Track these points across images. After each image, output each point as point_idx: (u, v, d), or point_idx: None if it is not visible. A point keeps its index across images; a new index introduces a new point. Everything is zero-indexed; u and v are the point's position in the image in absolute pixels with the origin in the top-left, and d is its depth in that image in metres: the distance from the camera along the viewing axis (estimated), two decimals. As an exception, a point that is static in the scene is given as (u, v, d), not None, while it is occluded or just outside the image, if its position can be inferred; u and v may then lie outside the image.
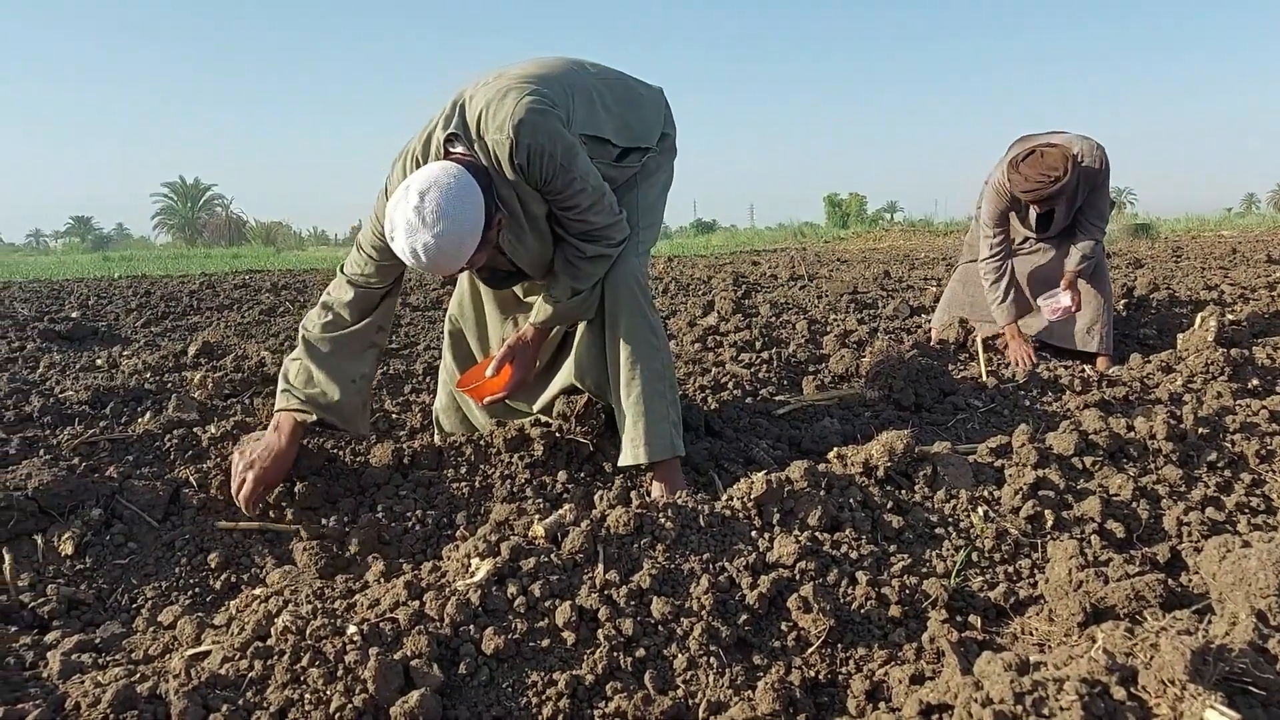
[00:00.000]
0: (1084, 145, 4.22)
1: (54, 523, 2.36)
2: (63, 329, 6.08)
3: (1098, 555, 2.03)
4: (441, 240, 2.19)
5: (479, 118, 2.36)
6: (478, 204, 2.24)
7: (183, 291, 9.62)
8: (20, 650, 1.84)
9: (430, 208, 2.18)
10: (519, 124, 2.28)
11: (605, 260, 2.59)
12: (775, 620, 1.82)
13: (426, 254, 2.20)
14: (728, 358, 4.39)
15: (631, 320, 2.59)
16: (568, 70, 2.60)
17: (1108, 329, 4.47)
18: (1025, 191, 4.07)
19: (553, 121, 2.33)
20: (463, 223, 2.20)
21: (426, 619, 1.71)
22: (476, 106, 2.37)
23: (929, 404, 3.54)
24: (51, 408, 3.39)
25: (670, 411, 2.62)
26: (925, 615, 1.84)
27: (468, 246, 2.24)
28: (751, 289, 8.29)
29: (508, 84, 2.37)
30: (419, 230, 2.19)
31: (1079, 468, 2.49)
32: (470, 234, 2.23)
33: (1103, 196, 4.36)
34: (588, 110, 2.55)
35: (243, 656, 1.61)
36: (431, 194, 2.19)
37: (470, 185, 2.24)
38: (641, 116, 2.76)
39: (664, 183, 2.89)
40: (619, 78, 2.80)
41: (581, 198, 2.43)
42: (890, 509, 2.20)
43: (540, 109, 2.31)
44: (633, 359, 2.59)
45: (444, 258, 2.23)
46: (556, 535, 1.97)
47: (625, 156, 2.70)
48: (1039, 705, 1.15)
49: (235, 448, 2.71)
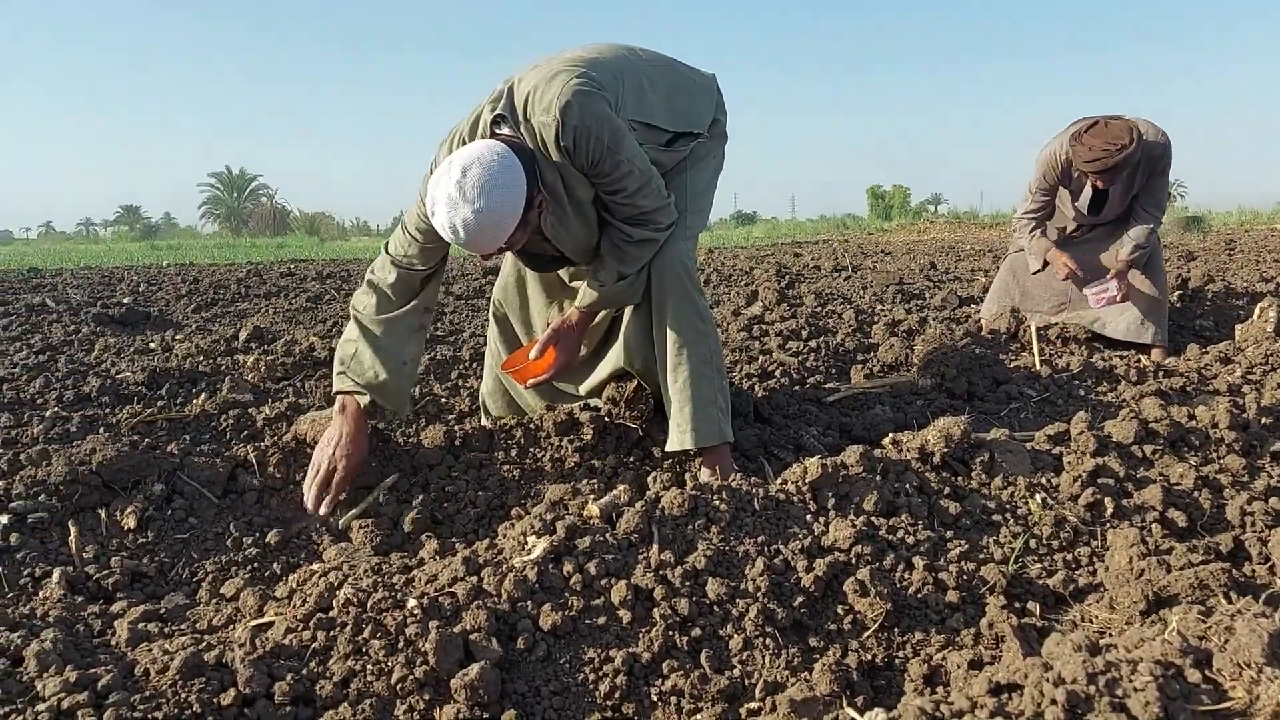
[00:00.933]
0: (1149, 127, 4.15)
1: (117, 497, 2.41)
2: (116, 314, 6.19)
3: (1159, 544, 1.99)
4: (481, 217, 2.19)
5: (526, 99, 2.36)
6: (519, 183, 2.24)
7: (230, 279, 9.74)
8: (89, 619, 1.88)
9: (471, 184, 2.18)
10: (565, 106, 2.28)
11: (652, 245, 2.57)
12: (831, 603, 1.81)
13: (465, 230, 2.21)
14: (774, 346, 4.38)
15: (678, 304, 2.58)
16: (618, 56, 2.59)
17: (1163, 321, 4.39)
18: (1089, 161, 3.98)
19: (600, 104, 2.33)
20: (503, 201, 2.21)
21: (484, 594, 1.72)
22: (525, 88, 2.38)
23: (982, 392, 3.51)
24: (109, 388, 3.45)
25: (718, 397, 2.61)
26: (983, 601, 1.82)
27: (507, 225, 2.24)
28: (795, 279, 8.24)
29: (557, 67, 2.38)
30: (459, 206, 2.19)
31: (1139, 456, 2.45)
32: (510, 213, 2.23)
33: (1161, 183, 4.29)
34: (637, 95, 2.54)
35: (306, 627, 1.63)
36: (474, 170, 2.19)
37: (513, 164, 2.24)
38: (691, 102, 2.75)
39: (714, 169, 2.87)
40: (669, 64, 2.78)
41: (628, 181, 2.42)
42: (947, 495, 2.18)
43: (587, 91, 2.32)
44: (680, 343, 2.58)
45: (483, 235, 2.23)
46: (611, 515, 1.97)
47: (675, 141, 2.69)
48: (1112, 686, 1.13)
49: (301, 430, 2.74)
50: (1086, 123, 4.09)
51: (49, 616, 1.85)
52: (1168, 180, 4.32)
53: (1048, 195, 4.48)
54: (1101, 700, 1.13)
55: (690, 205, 2.71)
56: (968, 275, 8.24)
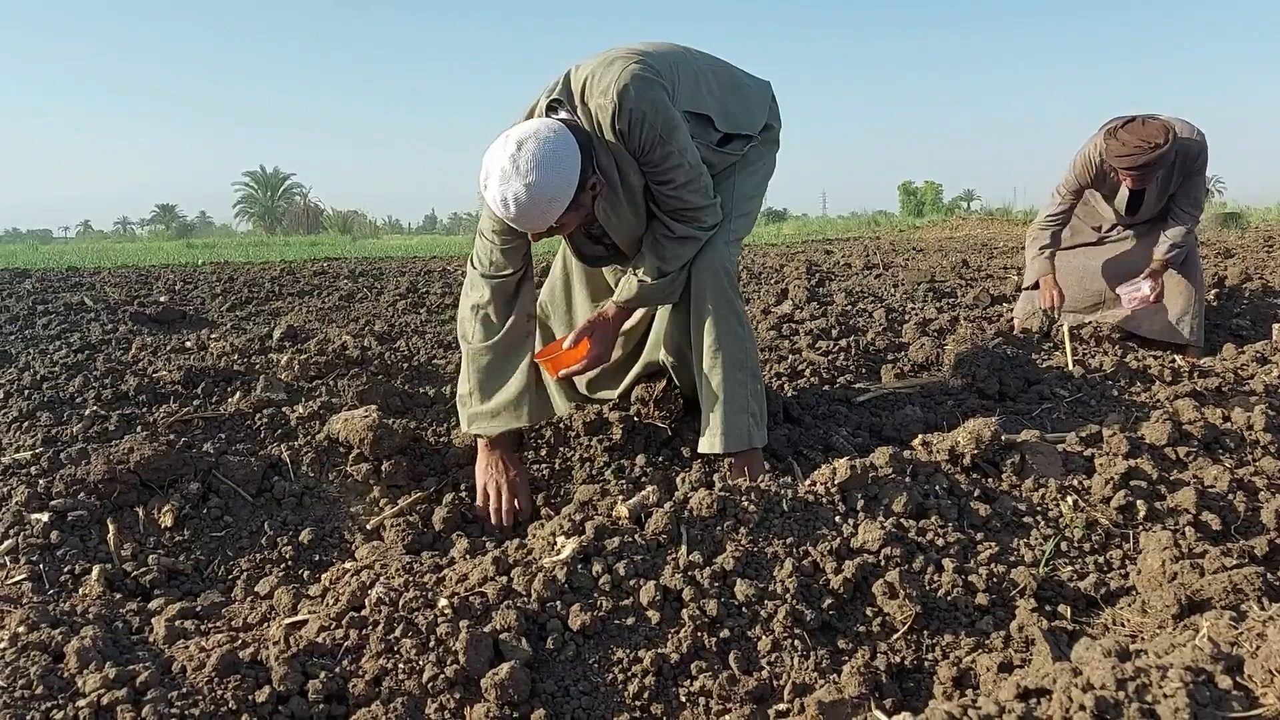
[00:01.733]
0: (1184, 126, 4.10)
1: (154, 495, 2.45)
2: (152, 312, 6.27)
3: (1192, 547, 1.98)
4: (533, 190, 2.19)
5: (584, 84, 2.38)
6: (574, 160, 2.23)
7: (264, 278, 9.84)
8: (127, 616, 1.91)
9: (526, 156, 2.18)
10: (623, 89, 2.29)
11: (693, 243, 2.56)
12: (860, 605, 1.81)
13: (516, 203, 2.20)
14: (804, 345, 4.37)
15: (717, 307, 2.57)
16: (674, 51, 2.60)
17: (1199, 320, 4.34)
18: (1121, 157, 3.94)
19: (657, 91, 2.34)
20: (556, 176, 2.20)
21: (514, 594, 1.74)
22: (582, 74, 2.39)
23: (1013, 393, 3.48)
24: (146, 387, 3.49)
25: (751, 402, 2.59)
26: (1013, 604, 1.82)
27: (559, 201, 2.23)
28: (825, 277, 8.21)
29: (615, 54, 2.40)
30: (512, 178, 2.19)
31: (1172, 458, 2.43)
32: (563, 189, 2.22)
33: (1198, 183, 4.23)
34: (692, 89, 2.54)
35: (339, 626, 1.65)
36: (529, 144, 2.19)
37: (569, 141, 2.24)
38: (745, 105, 2.73)
39: (764, 174, 2.85)
40: (725, 66, 2.78)
41: (678, 173, 2.42)
42: (977, 497, 2.17)
43: (645, 77, 2.33)
44: (716, 346, 2.57)
45: (534, 209, 2.22)
46: (640, 516, 1.98)
47: (727, 143, 2.67)
48: (1141, 692, 1.13)
49: (335, 430, 2.77)
50: (1122, 120, 4.05)
51: (88, 613, 1.88)
52: (1204, 179, 4.26)
53: (1074, 197, 4.44)
54: (1131, 706, 1.13)
55: (736, 209, 2.70)
56: (1000, 273, 8.18)
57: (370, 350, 4.21)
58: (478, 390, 2.64)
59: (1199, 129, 4.13)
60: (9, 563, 2.17)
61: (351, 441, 2.72)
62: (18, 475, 2.61)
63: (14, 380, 3.79)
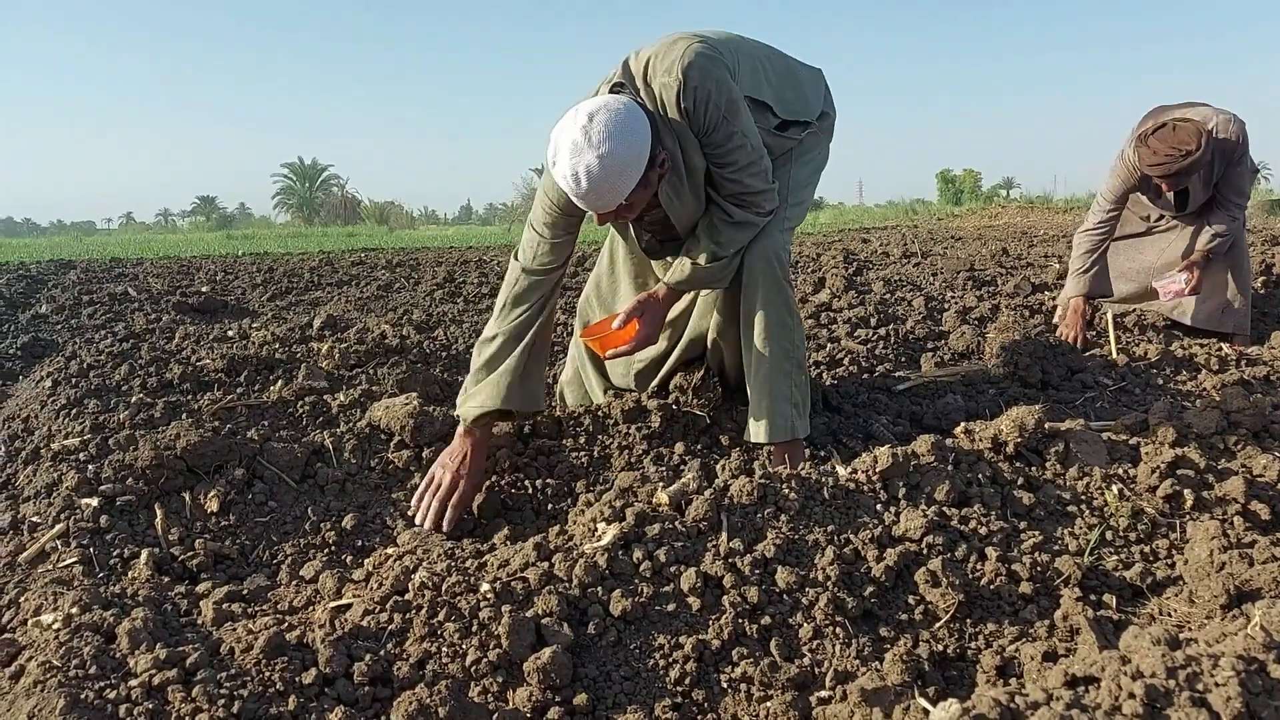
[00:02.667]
0: (1219, 119, 3.99)
1: (200, 481, 2.49)
2: (195, 302, 6.36)
3: (1241, 537, 1.95)
4: (606, 161, 2.14)
5: (646, 65, 2.35)
6: (644, 133, 2.20)
7: (303, 268, 9.94)
8: (175, 598, 1.95)
9: (598, 128, 2.14)
10: (688, 66, 2.26)
11: (750, 229, 2.53)
12: (902, 594, 1.80)
13: (589, 176, 2.15)
14: (842, 334, 4.34)
15: (768, 294, 2.55)
16: (730, 37, 2.58)
17: (1245, 310, 4.26)
18: (1154, 166, 3.85)
19: (720, 70, 2.32)
20: (629, 148, 2.16)
21: (556, 580, 1.75)
22: (644, 57, 2.37)
23: (1056, 381, 3.44)
24: (190, 375, 3.54)
25: (794, 393, 2.58)
26: (1058, 593, 1.80)
27: (630, 175, 2.19)
28: (863, 266, 8.15)
29: (677, 36, 2.39)
30: (584, 150, 2.14)
31: (1220, 447, 2.39)
32: (634, 162, 2.18)
33: (1241, 172, 4.11)
34: (751, 75, 2.52)
35: (383, 610, 1.67)
36: (601, 116, 2.16)
37: (639, 114, 2.21)
38: (800, 92, 2.71)
39: (818, 163, 2.83)
40: (779, 54, 2.76)
41: (739, 154, 2.40)
42: (1021, 485, 2.15)
43: (709, 55, 2.31)
44: (765, 334, 2.55)
45: (606, 182, 2.17)
46: (681, 503, 1.98)
47: (785, 129, 2.65)
48: (1193, 680, 1.12)
49: (376, 417, 2.80)
50: (1154, 123, 3.94)
51: (138, 595, 1.92)
52: (1247, 167, 4.14)
53: (1120, 204, 4.34)
54: (1181, 695, 1.12)
55: (791, 197, 2.68)
56: (1040, 261, 8.08)
57: (409, 339, 4.24)
58: (471, 375, 2.65)
59: (1235, 117, 4.02)
60: (60, 546, 2.22)
61: (393, 429, 2.74)
62: (67, 461, 2.65)
63: (62, 368, 3.86)
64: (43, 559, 2.19)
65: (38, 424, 3.18)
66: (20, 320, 6.01)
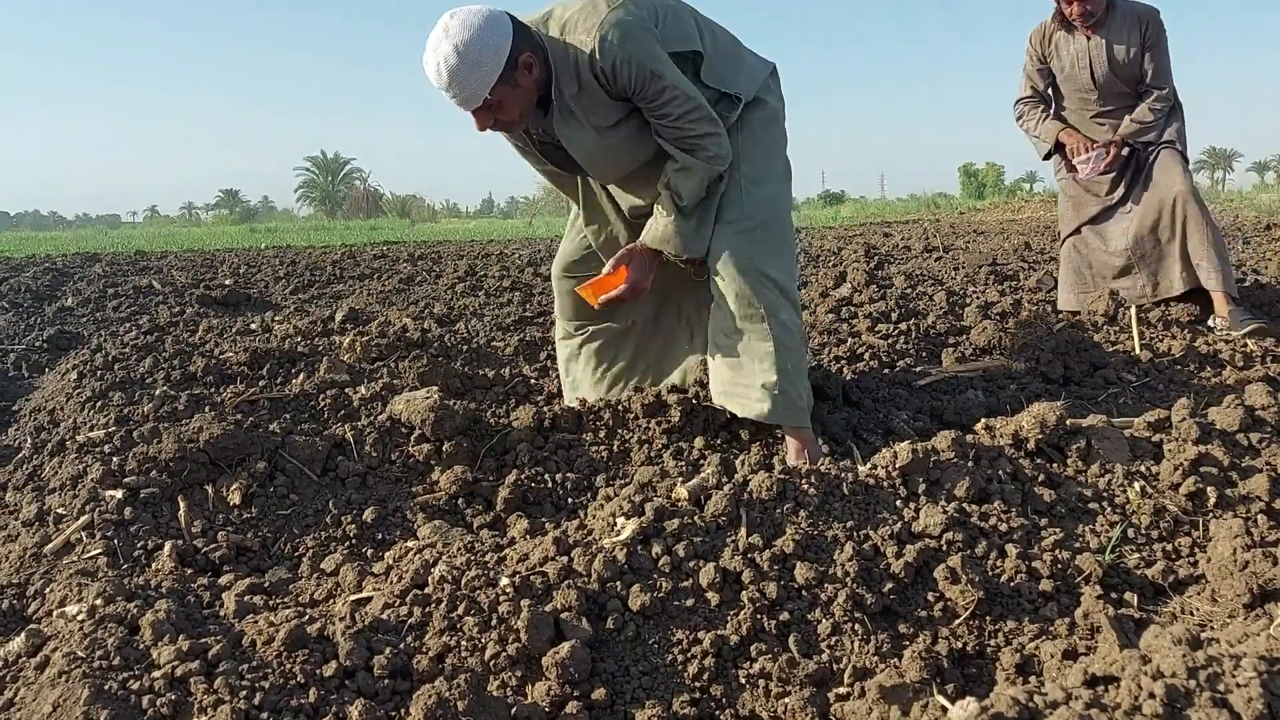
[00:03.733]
0: None
1: (223, 474, 2.51)
2: (218, 295, 6.42)
3: (1265, 535, 1.93)
4: (461, 50, 2.22)
5: (566, 22, 2.41)
6: (504, 30, 2.27)
7: (325, 261, 9.99)
8: (198, 590, 1.97)
9: (456, 23, 2.25)
10: (605, 31, 2.33)
11: (696, 173, 2.53)
12: (921, 590, 1.79)
13: (447, 66, 2.24)
14: (863, 328, 4.33)
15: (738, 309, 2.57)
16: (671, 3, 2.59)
17: (1223, 263, 4.11)
18: None
19: (642, 33, 2.37)
20: (483, 40, 2.24)
21: (575, 574, 1.75)
22: (567, 14, 2.42)
23: (1078, 377, 3.42)
24: (213, 368, 3.57)
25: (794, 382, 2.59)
26: (1078, 591, 1.79)
27: (486, 67, 2.26)
28: (884, 260, 8.12)
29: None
30: (441, 42, 2.24)
31: (1244, 444, 2.37)
32: (490, 52, 2.25)
33: (1158, 54, 4.24)
34: (681, 28, 2.54)
35: (403, 603, 1.68)
36: (460, 14, 2.26)
37: (500, 17, 2.29)
38: (735, 69, 2.69)
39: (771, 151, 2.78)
40: (729, 35, 2.76)
41: (673, 105, 2.43)
42: (1041, 482, 2.13)
43: (631, 20, 2.36)
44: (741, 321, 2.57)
45: (463, 70, 2.24)
46: (699, 498, 1.98)
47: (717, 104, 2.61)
48: (1214, 681, 1.11)
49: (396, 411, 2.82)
50: None
51: (161, 587, 1.94)
52: (1165, 50, 4.26)
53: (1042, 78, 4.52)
54: (1202, 695, 1.11)
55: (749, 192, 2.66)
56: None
57: (430, 332, 4.26)
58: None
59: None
60: (85, 537, 2.24)
61: (413, 422, 2.75)
62: (92, 453, 2.68)
63: (87, 361, 3.90)
64: (68, 550, 2.21)
65: (63, 416, 3.21)
66: (46, 313, 6.08)
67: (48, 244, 17.02)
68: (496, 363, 3.91)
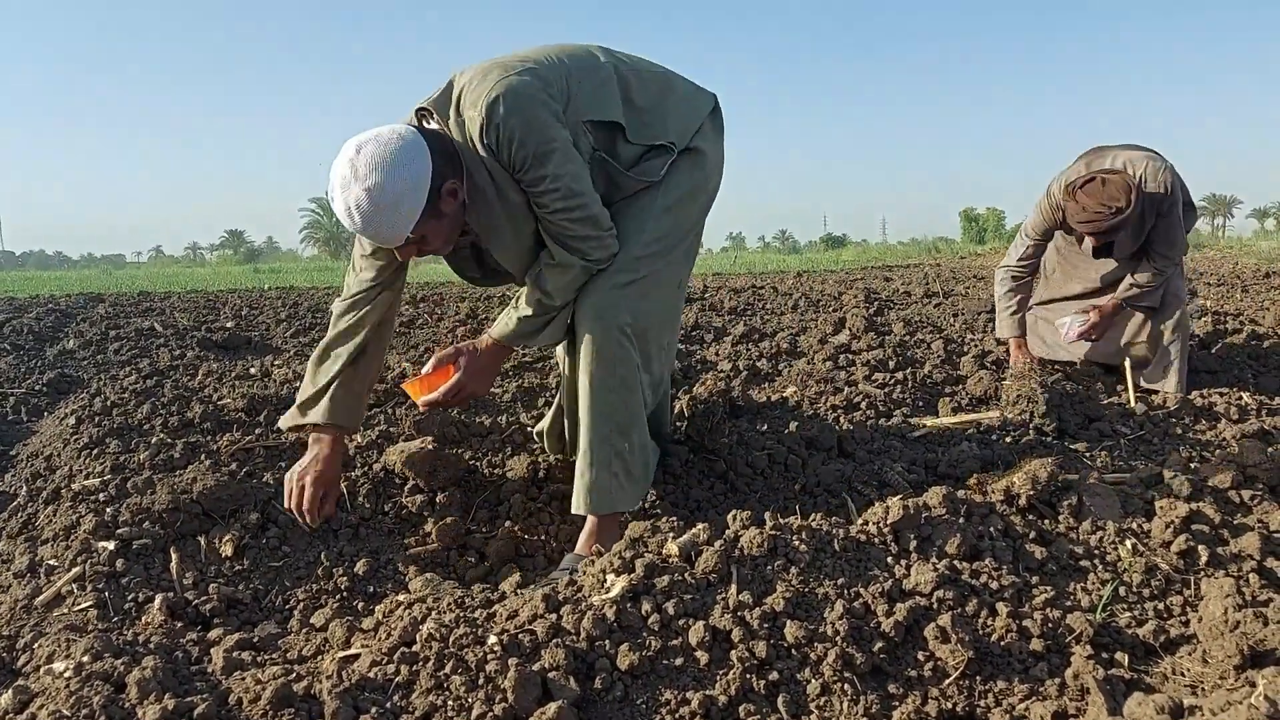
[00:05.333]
0: (1149, 167, 3.89)
1: (215, 525, 2.51)
2: (219, 339, 6.43)
3: (1257, 595, 1.93)
4: (375, 194, 2.03)
5: (460, 93, 2.23)
6: (419, 164, 2.08)
7: (328, 302, 10.02)
8: (187, 645, 1.96)
9: (364, 160, 2.04)
10: (493, 102, 2.13)
11: (574, 273, 2.33)
12: (911, 649, 1.79)
13: (359, 211, 2.05)
14: (860, 377, 4.34)
15: (592, 353, 2.35)
16: (585, 55, 2.39)
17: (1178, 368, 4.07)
18: (1082, 222, 3.77)
19: (533, 105, 2.16)
20: (399, 179, 2.04)
21: (563, 632, 1.75)
22: (461, 82, 2.24)
23: (1073, 430, 3.42)
24: (211, 414, 3.58)
25: (615, 461, 2.39)
26: (1069, 650, 1.78)
27: (405, 207, 2.07)
28: (884, 305, 8.15)
29: (496, 63, 2.24)
30: (351, 184, 2.04)
31: (1236, 502, 2.37)
32: (407, 191, 2.06)
33: (1172, 223, 3.96)
34: (597, 94, 2.33)
35: (390, 661, 1.68)
36: (369, 148, 2.06)
37: (415, 144, 2.09)
38: (664, 116, 2.45)
39: (688, 206, 2.50)
40: (661, 75, 2.53)
41: (551, 199, 2.22)
42: (1033, 539, 2.14)
43: (521, 91, 2.15)
44: (588, 395, 2.37)
45: (379, 216, 2.06)
46: (690, 554, 1.98)
47: (641, 161, 2.42)
48: (1196, 753, 1.11)
49: (390, 461, 2.81)
50: (1083, 176, 3.85)
51: (150, 643, 1.93)
52: (1178, 217, 3.98)
53: (1043, 239, 4.31)
54: (1186, 767, 1.10)
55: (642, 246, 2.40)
56: (1063, 302, 8.04)
57: (428, 379, 4.25)
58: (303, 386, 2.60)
59: (1167, 166, 3.92)
60: (76, 589, 2.24)
61: (407, 473, 2.76)
62: (86, 502, 2.68)
63: (85, 405, 3.92)
64: (58, 602, 2.21)
65: (59, 463, 3.22)
66: (48, 355, 6.10)
67: (52, 284, 17.10)
68: (494, 409, 3.91)
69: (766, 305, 8.60)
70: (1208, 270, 12.61)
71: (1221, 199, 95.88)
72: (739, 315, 7.77)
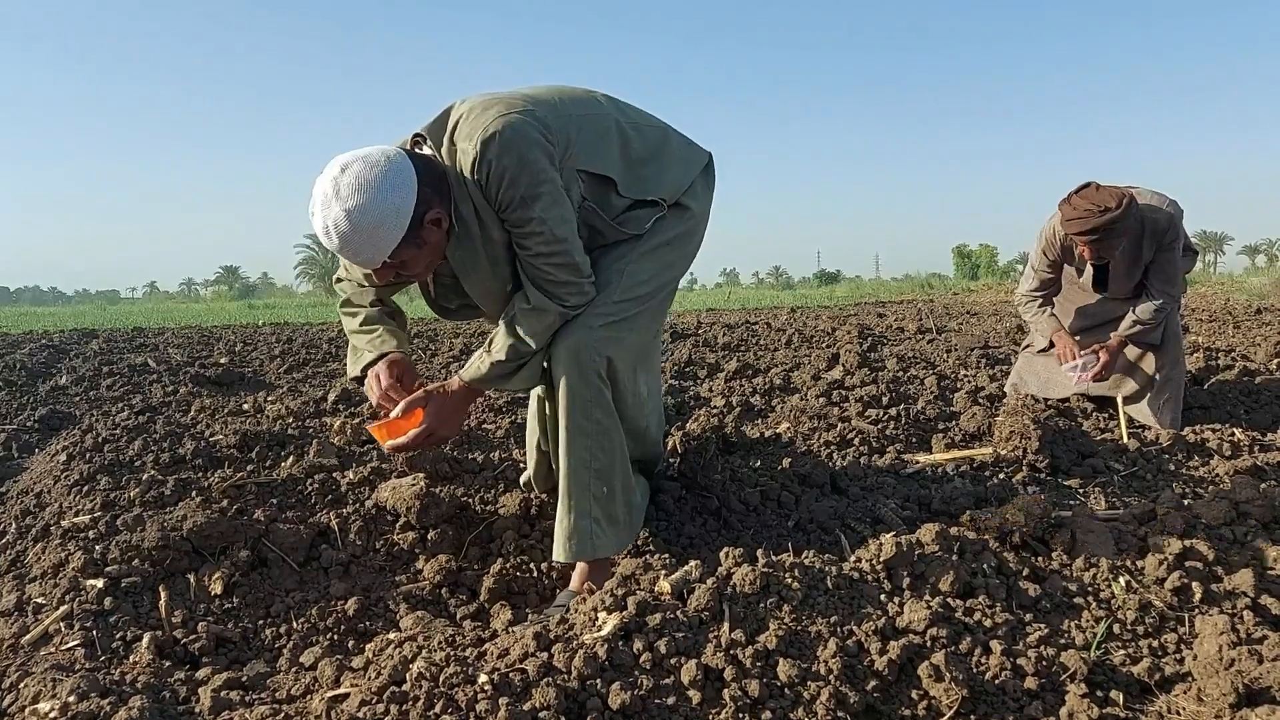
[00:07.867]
0: (1154, 197, 3.94)
1: (205, 562, 2.49)
2: (212, 374, 6.42)
3: (1251, 632, 1.92)
4: (354, 216, 2.00)
5: (457, 124, 2.20)
6: (406, 186, 2.05)
7: (322, 339, 10.03)
8: (175, 685, 1.94)
9: (348, 180, 2.01)
10: (489, 138, 2.10)
11: (549, 317, 2.29)
12: (905, 688, 1.78)
13: (337, 232, 2.02)
14: (854, 413, 4.34)
15: (568, 395, 2.32)
16: (589, 102, 2.39)
17: (1174, 404, 4.11)
18: (1071, 221, 3.76)
19: (529, 147, 2.12)
20: (381, 203, 2.01)
21: (554, 671, 1.73)
22: (460, 112, 2.22)
23: (1066, 466, 3.42)
24: (203, 451, 3.57)
25: (594, 506, 2.35)
26: (1063, 688, 1.77)
27: (386, 231, 2.04)
28: (877, 341, 8.18)
29: (497, 98, 2.22)
30: (331, 204, 2.01)
31: (1229, 538, 2.37)
32: (389, 215, 2.03)
33: (1171, 258, 3.99)
34: (595, 146, 2.31)
35: (380, 700, 1.66)
36: (354, 168, 2.02)
37: (402, 167, 2.05)
38: (660, 172, 2.44)
39: (672, 256, 2.50)
40: (658, 129, 2.52)
41: (535, 242, 2.20)
42: (1026, 576, 2.13)
43: (519, 130, 2.12)
44: (565, 439, 2.34)
45: (357, 237, 2.03)
46: (683, 592, 1.97)
47: (629, 212, 2.41)
48: (1190, 794, 1.10)
49: (383, 498, 2.79)
50: (1079, 184, 3.91)
51: (137, 682, 1.91)
52: (1178, 254, 4.02)
53: (1051, 272, 4.31)
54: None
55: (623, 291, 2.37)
56: (1055, 338, 8.07)
57: (421, 415, 4.25)
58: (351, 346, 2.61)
59: (1171, 200, 3.96)
60: (64, 628, 2.22)
61: (399, 510, 2.75)
62: (75, 539, 2.67)
63: (77, 442, 3.90)
64: (45, 641, 2.19)
65: (49, 500, 3.20)
66: (40, 391, 6.09)
67: (46, 319, 17.11)
68: (487, 446, 3.90)
69: (760, 341, 8.62)
70: (1200, 306, 12.69)
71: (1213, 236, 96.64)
72: (732, 351, 7.79)
